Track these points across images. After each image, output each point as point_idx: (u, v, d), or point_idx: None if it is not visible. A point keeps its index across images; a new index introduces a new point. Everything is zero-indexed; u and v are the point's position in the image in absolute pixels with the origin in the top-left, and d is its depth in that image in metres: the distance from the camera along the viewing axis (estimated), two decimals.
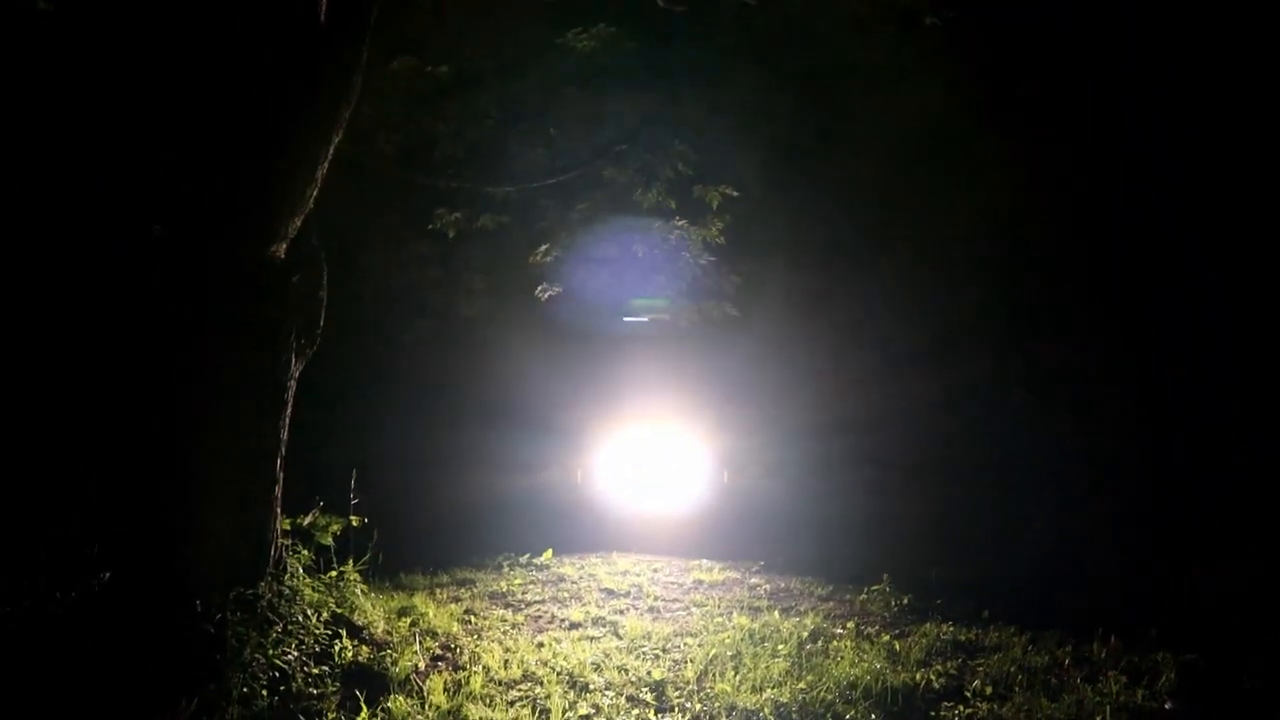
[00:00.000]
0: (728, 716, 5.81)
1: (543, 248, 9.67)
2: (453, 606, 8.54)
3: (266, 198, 6.03)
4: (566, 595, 9.42)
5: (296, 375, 6.69)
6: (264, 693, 5.59)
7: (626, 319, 11.12)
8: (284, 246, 6.32)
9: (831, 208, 14.01)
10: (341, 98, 6.24)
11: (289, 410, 6.59)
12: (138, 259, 6.17)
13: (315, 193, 6.23)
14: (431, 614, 7.91)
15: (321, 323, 6.84)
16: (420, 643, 6.98)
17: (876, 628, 8.35)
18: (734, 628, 7.99)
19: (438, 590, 9.41)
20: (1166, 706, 6.28)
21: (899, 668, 6.87)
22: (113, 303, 6.49)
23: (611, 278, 10.15)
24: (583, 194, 9.22)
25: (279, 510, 6.60)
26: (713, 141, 8.92)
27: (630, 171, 8.61)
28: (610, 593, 9.58)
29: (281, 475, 6.58)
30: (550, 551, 11.42)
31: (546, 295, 10.17)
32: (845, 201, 13.90)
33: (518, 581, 10.00)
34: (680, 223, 9.24)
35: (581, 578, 10.31)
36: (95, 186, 6.25)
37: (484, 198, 9.29)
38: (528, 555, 11.28)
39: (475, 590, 9.55)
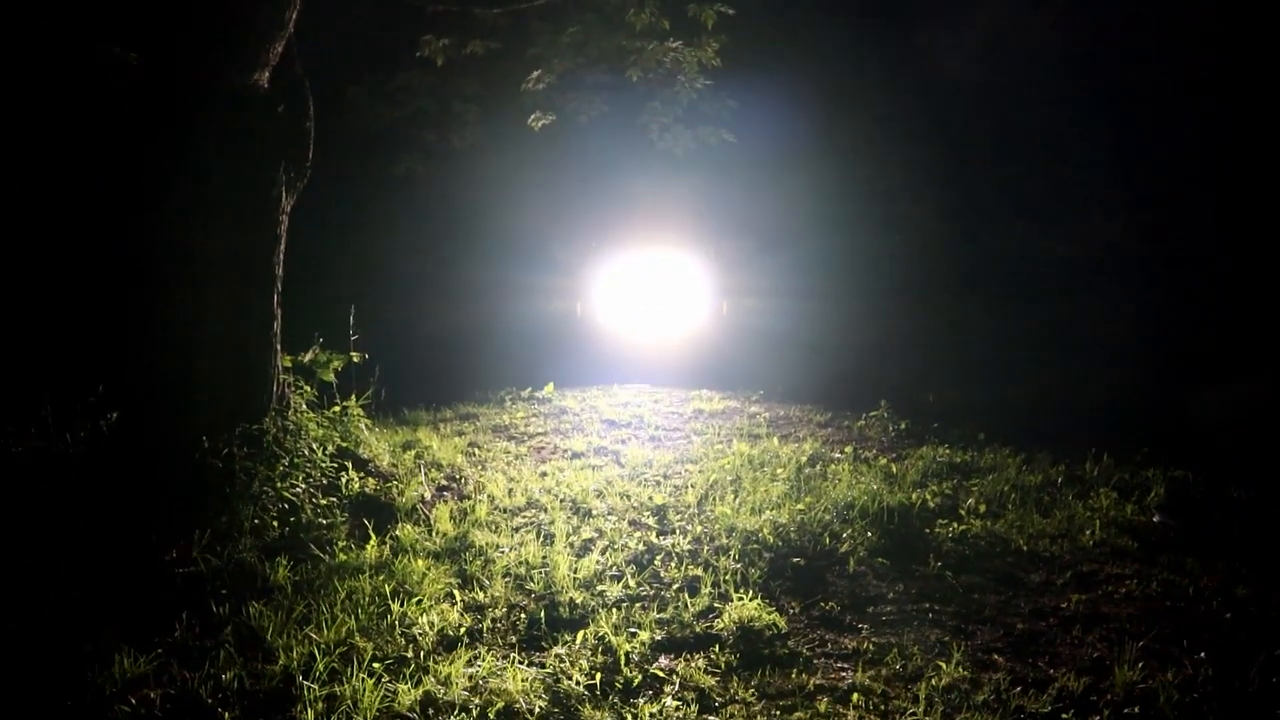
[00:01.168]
0: (727, 538, 5.96)
1: (534, 74, 9.33)
2: (456, 440, 8.67)
3: (245, 21, 5.76)
4: (568, 427, 9.56)
5: (288, 209, 6.57)
6: (274, 523, 5.72)
7: None
8: (266, 75, 6.09)
9: (833, 26, 13.47)
10: None
11: (283, 245, 6.50)
12: (116, 93, 5.97)
13: (294, 15, 5.95)
14: (435, 447, 8.03)
15: (311, 154, 6.67)
16: (425, 474, 7.12)
17: (874, 452, 8.51)
18: (734, 454, 8.13)
19: (441, 425, 9.54)
20: (1154, 519, 6.45)
21: (895, 489, 7.03)
22: (97, 142, 6.32)
23: (605, 104, 9.85)
24: (574, 16, 8.83)
25: (279, 347, 6.60)
26: None
27: None
28: (612, 423, 9.72)
29: (280, 311, 6.56)
30: (551, 385, 11.53)
31: (540, 124, 9.89)
32: (849, 19, 13.35)
33: (520, 414, 10.13)
34: (675, 44, 8.88)
35: (583, 409, 10.44)
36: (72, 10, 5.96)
37: (473, 21, 8.92)
38: (529, 389, 11.39)
39: (478, 424, 9.68)
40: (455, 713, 3.93)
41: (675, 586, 5.30)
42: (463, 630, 4.72)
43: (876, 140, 14.07)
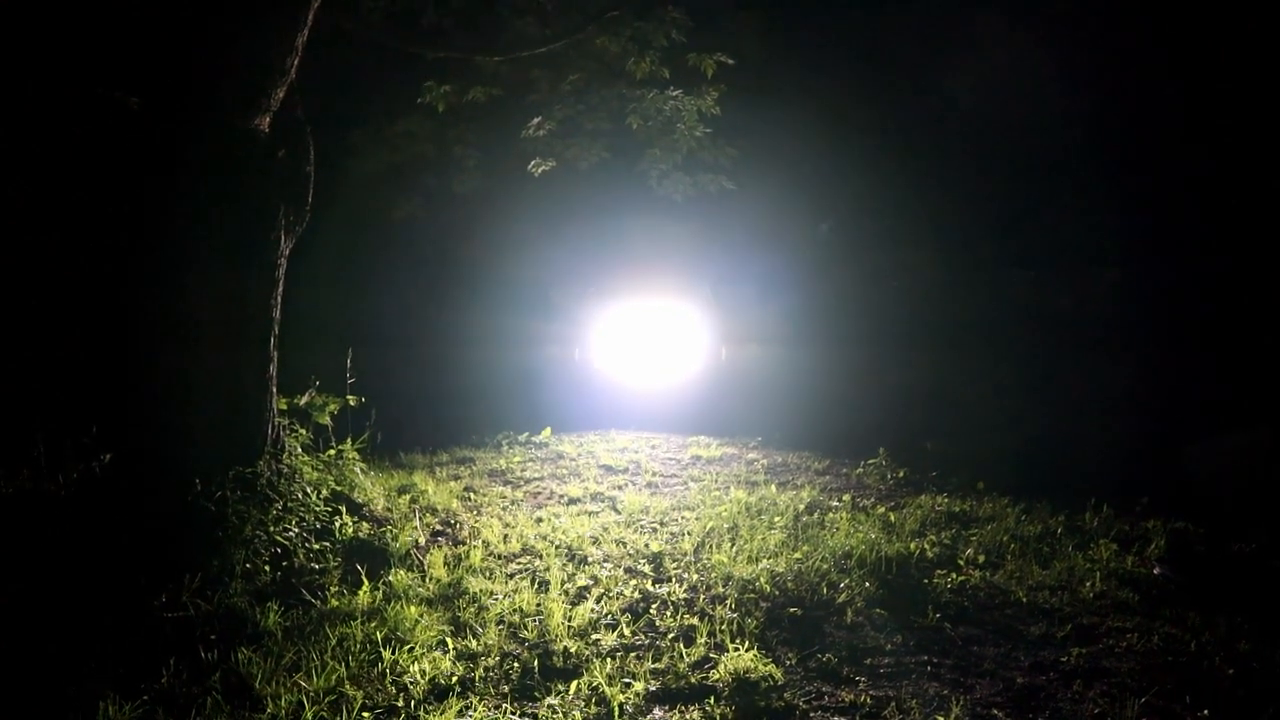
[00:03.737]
0: (724, 586, 5.90)
1: (535, 121, 9.42)
2: (452, 484, 8.61)
3: (246, 66, 5.81)
4: (565, 472, 9.50)
5: (287, 253, 6.58)
6: (266, 568, 5.66)
7: None
8: (268, 119, 6.13)
9: (831, 76, 13.61)
10: None
11: (280, 289, 6.50)
12: (119, 136, 5.99)
13: (296, 61, 6.00)
14: (431, 491, 7.98)
15: (310, 199, 6.69)
16: (420, 519, 7.06)
17: (872, 500, 8.45)
18: (731, 501, 8.08)
19: (437, 468, 9.49)
20: (1155, 571, 6.39)
21: (894, 538, 6.97)
22: (97, 183, 6.34)
23: (605, 150, 9.93)
24: (575, 64, 8.94)
25: (275, 390, 6.57)
26: (708, 5, 8.60)
27: (623, 40, 8.30)
28: (609, 469, 9.67)
29: (276, 354, 6.54)
30: (549, 429, 11.49)
31: (540, 170, 9.96)
32: (850, 68, 13.48)
33: (516, 459, 10.08)
34: (675, 93, 8.98)
35: (580, 455, 10.39)
36: (69, 58, 6.00)
37: (474, 69, 9.01)
38: (526, 433, 11.35)
39: (474, 468, 9.63)
40: None
41: (671, 636, 5.23)
42: (455, 679, 4.64)
43: (875, 188, 14.15)
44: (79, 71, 5.78)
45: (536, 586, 5.92)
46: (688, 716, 4.36)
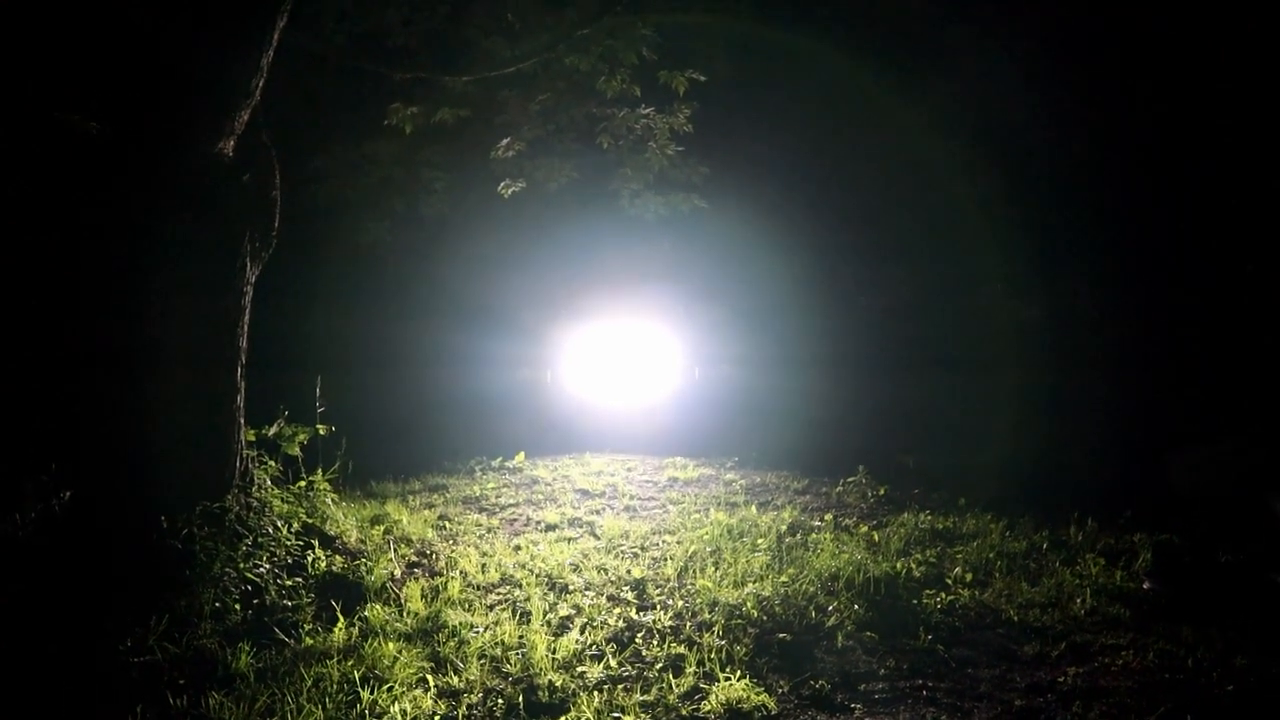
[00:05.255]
0: (710, 612, 5.76)
1: (504, 142, 9.29)
2: (426, 513, 8.43)
3: (209, 87, 5.63)
4: (541, 497, 9.34)
5: (253, 279, 6.39)
6: (237, 607, 5.44)
7: None
8: (232, 142, 5.95)
9: (805, 94, 13.58)
10: None
11: (247, 316, 6.30)
12: (76, 160, 5.79)
13: (261, 83, 5.83)
14: (405, 521, 7.79)
15: (276, 224, 6.51)
16: (395, 550, 6.86)
17: (854, 519, 8.35)
18: (712, 524, 7.95)
19: (410, 497, 9.29)
20: (1145, 586, 6.32)
21: (879, 558, 6.87)
22: (56, 210, 6.12)
23: (575, 170, 9.82)
24: (544, 84, 8.82)
25: (242, 421, 6.37)
26: (679, 24, 8.52)
27: (593, 58, 8.19)
28: (585, 493, 9.51)
29: (243, 384, 6.34)
30: (523, 454, 11.33)
31: (509, 191, 9.83)
32: (820, 85, 13.46)
33: (491, 485, 9.90)
34: (646, 111, 8.89)
35: (555, 479, 10.23)
36: (26, 85, 5.80)
37: (441, 90, 8.87)
38: (500, 458, 11.18)
39: (448, 495, 9.44)
40: None
41: (659, 666, 5.08)
42: (437, 718, 4.46)
43: (850, 205, 14.14)
44: (36, 91, 5.58)
45: (518, 618, 5.75)
46: None
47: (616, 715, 4.50)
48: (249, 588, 5.61)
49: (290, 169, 6.91)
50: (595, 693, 4.71)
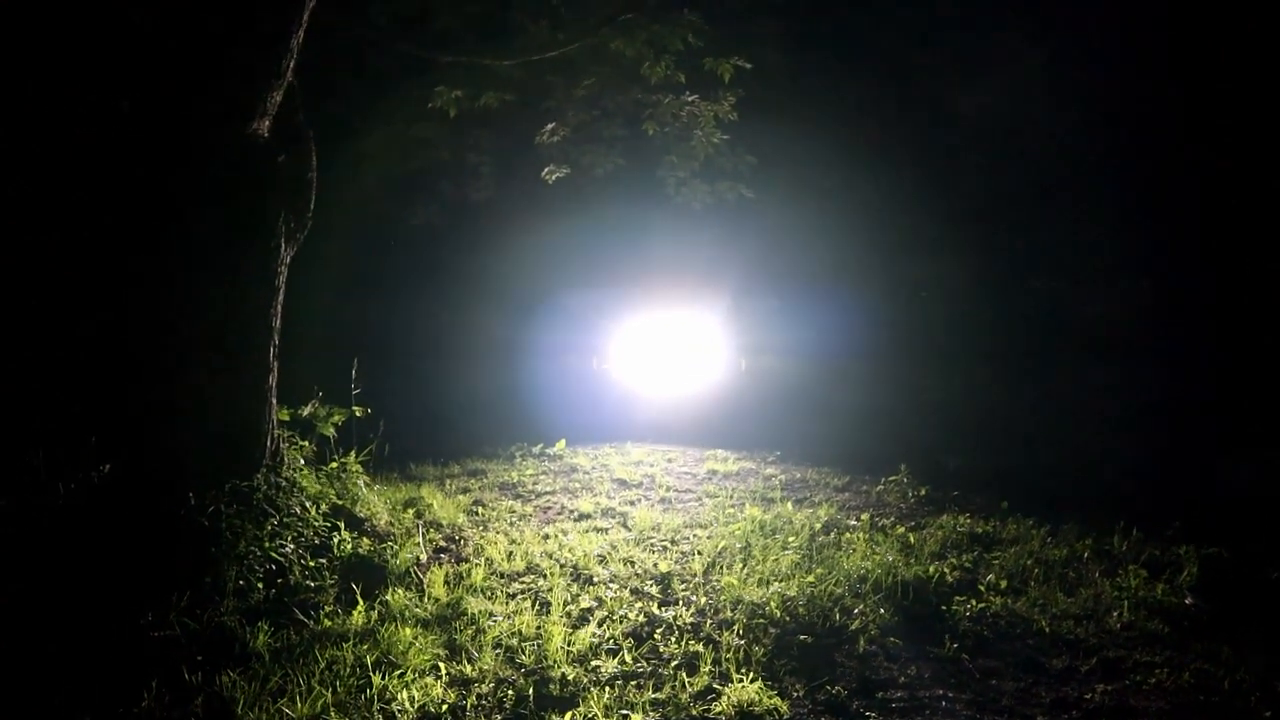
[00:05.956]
0: (732, 611, 5.67)
1: (549, 127, 9.23)
2: (461, 498, 8.43)
3: (240, 68, 5.64)
4: (578, 486, 9.30)
5: (288, 260, 6.42)
6: (259, 585, 5.49)
7: None
8: (267, 124, 5.97)
9: (852, 81, 13.34)
10: None
11: (280, 297, 6.33)
12: (113, 142, 5.84)
13: (292, 63, 5.83)
14: (437, 505, 7.80)
15: (312, 205, 6.53)
16: (424, 535, 6.88)
17: (892, 519, 8.18)
18: (745, 519, 7.84)
19: (447, 480, 9.31)
20: (1187, 601, 6.08)
21: (912, 560, 6.70)
22: (95, 187, 6.19)
23: (621, 157, 9.74)
24: (589, 68, 8.73)
25: (275, 401, 6.41)
26: (727, 10, 8.39)
27: (638, 43, 8.08)
28: (622, 483, 9.46)
29: (276, 365, 6.38)
30: (564, 441, 11.29)
31: (554, 177, 9.78)
32: (869, 74, 13.22)
33: (529, 472, 9.89)
34: (691, 98, 8.76)
35: (594, 468, 10.19)
36: (65, 61, 5.86)
37: (487, 73, 8.83)
38: (541, 445, 11.17)
39: (485, 481, 9.45)
40: None
41: (674, 664, 5.00)
42: (445, 708, 4.44)
43: (900, 197, 13.87)
44: (74, 75, 5.64)
45: (538, 608, 5.71)
46: None
47: (625, 712, 4.44)
48: (273, 567, 5.65)
49: (335, 150, 6.93)
50: (607, 688, 4.65)
